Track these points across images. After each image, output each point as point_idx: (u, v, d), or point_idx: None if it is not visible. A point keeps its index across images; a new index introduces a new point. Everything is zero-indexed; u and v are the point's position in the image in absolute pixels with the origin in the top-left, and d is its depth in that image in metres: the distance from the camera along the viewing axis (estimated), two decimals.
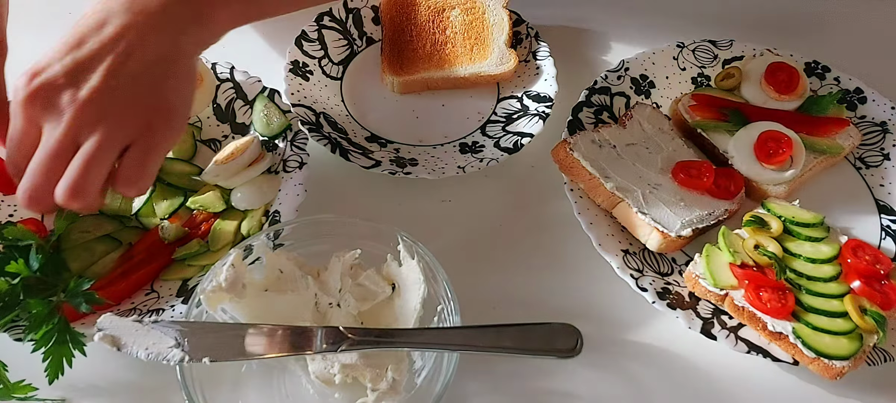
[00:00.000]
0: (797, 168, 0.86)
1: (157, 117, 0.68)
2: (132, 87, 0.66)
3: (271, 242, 0.74)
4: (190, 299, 0.70)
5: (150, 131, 0.68)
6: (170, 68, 0.68)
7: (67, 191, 0.65)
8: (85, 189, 0.65)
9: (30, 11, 1.03)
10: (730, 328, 0.74)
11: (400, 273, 0.73)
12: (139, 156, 0.68)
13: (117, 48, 0.65)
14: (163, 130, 0.69)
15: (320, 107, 0.94)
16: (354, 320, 0.72)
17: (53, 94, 0.65)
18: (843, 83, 0.96)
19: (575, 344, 0.65)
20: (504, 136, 0.92)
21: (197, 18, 0.70)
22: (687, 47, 0.99)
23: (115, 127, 0.66)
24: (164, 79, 0.68)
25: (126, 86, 0.66)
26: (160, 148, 0.69)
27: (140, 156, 0.68)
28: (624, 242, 0.81)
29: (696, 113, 0.91)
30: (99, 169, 0.66)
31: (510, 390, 0.74)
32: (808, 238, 0.79)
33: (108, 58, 0.65)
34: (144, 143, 0.68)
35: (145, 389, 0.73)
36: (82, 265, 0.78)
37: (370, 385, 0.67)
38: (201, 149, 0.90)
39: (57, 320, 0.69)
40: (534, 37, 1.01)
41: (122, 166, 0.68)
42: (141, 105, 0.67)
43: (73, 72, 0.65)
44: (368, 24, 1.04)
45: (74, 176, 0.65)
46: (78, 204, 0.66)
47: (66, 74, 0.65)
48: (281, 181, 0.83)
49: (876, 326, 0.71)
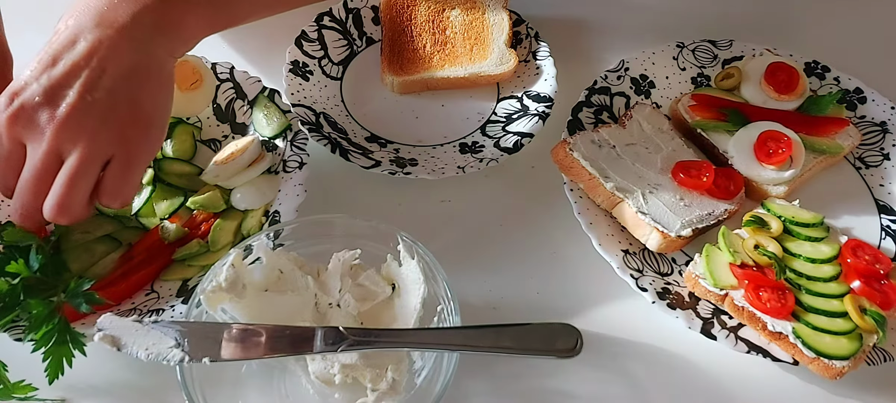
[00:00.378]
0: (797, 168, 0.86)
1: (135, 129, 0.70)
2: (108, 101, 0.68)
3: (271, 242, 0.74)
4: (190, 299, 0.70)
5: (128, 143, 0.69)
6: (144, 78, 0.70)
7: (54, 208, 0.68)
8: (70, 205, 0.68)
9: (29, 10, 1.03)
10: (730, 328, 0.74)
11: (400, 273, 0.73)
12: (119, 169, 0.70)
13: (91, 64, 0.67)
14: (141, 141, 0.71)
15: (320, 107, 0.94)
16: (354, 320, 0.72)
17: (32, 114, 0.66)
18: (843, 83, 0.96)
19: (575, 344, 0.65)
20: (504, 136, 0.92)
21: (167, 28, 0.71)
22: (687, 47, 0.99)
23: (93, 142, 0.67)
24: (140, 90, 0.70)
25: (102, 101, 0.67)
26: (140, 159, 0.71)
27: (120, 168, 0.70)
28: (624, 242, 0.81)
29: (695, 113, 0.91)
30: (82, 184, 0.68)
31: (510, 390, 0.74)
32: (808, 238, 0.79)
33: (83, 74, 0.67)
34: (124, 156, 0.69)
35: (145, 389, 0.73)
36: (82, 265, 0.78)
37: (370, 385, 0.67)
38: (201, 149, 0.90)
39: (57, 320, 0.69)
40: (534, 37, 1.01)
41: (103, 179, 0.70)
42: (117, 118, 0.68)
43: (49, 91, 0.66)
44: (368, 24, 1.04)
45: (59, 193, 0.67)
46: (65, 220, 0.68)
47: (43, 94, 0.66)
48: (281, 181, 0.83)
49: (876, 326, 0.71)
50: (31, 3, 1.03)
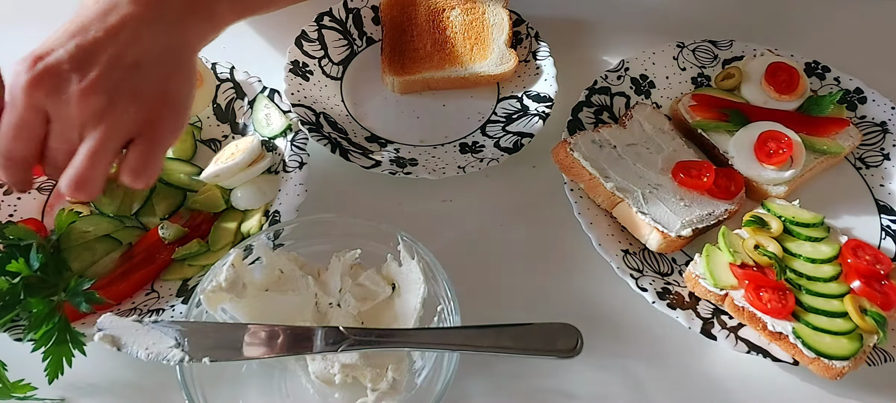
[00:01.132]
0: (797, 168, 0.86)
1: (164, 109, 0.67)
2: (139, 77, 0.65)
3: (271, 242, 0.74)
4: (190, 299, 0.70)
5: (156, 122, 0.66)
6: (175, 60, 0.68)
7: (73, 183, 0.64)
8: (91, 180, 0.64)
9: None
10: (730, 328, 0.74)
11: (400, 273, 0.73)
12: (146, 148, 0.66)
13: (122, 37, 0.64)
14: (169, 122, 0.68)
15: (320, 107, 0.94)
16: (354, 320, 0.72)
17: (58, 80, 0.62)
18: (843, 83, 0.96)
19: (575, 344, 0.65)
20: (504, 136, 0.92)
21: (198, 11, 0.69)
22: (687, 47, 0.99)
23: (121, 117, 0.64)
24: (170, 71, 0.67)
25: (133, 76, 0.64)
26: (166, 141, 0.68)
27: (147, 148, 0.67)
28: (624, 242, 0.81)
29: (696, 113, 0.91)
30: (105, 159, 0.64)
31: (510, 390, 0.74)
32: (808, 238, 0.79)
33: (112, 46, 0.64)
34: (151, 136, 0.67)
35: (145, 389, 0.73)
36: (83, 264, 0.78)
37: (370, 385, 0.67)
38: (201, 149, 0.90)
39: (57, 319, 0.69)
40: (534, 37, 1.01)
41: (128, 158, 0.66)
42: (146, 96, 0.66)
43: (78, 57, 0.63)
44: (368, 24, 1.04)
45: (80, 167, 0.63)
46: (84, 195, 0.65)
47: (71, 60, 0.62)
48: (281, 181, 0.83)
49: (876, 326, 0.71)
50: None
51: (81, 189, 0.64)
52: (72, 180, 0.64)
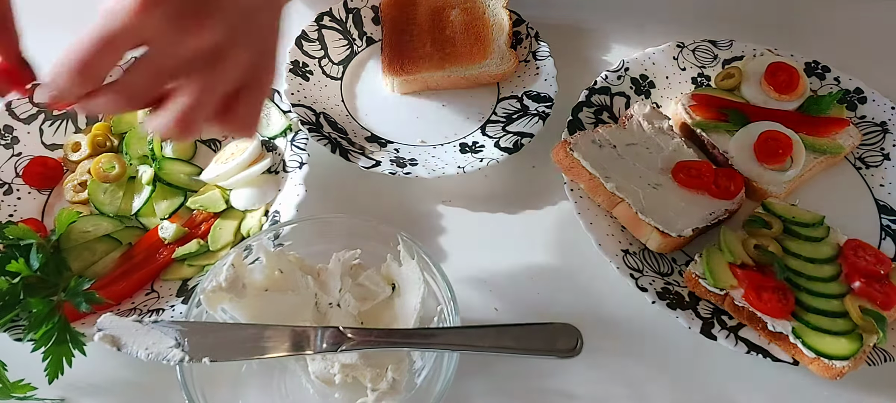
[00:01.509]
0: (797, 168, 0.86)
1: (268, 60, 0.65)
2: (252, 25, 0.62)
3: (271, 242, 0.74)
4: (190, 299, 0.70)
5: (261, 74, 0.64)
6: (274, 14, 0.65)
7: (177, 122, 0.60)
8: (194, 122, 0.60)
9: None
10: (730, 328, 0.74)
11: (400, 273, 0.73)
12: (256, 97, 0.64)
13: None
14: (271, 74, 0.65)
15: (320, 107, 0.94)
16: (354, 320, 0.72)
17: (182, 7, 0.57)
18: (843, 83, 0.96)
19: (575, 344, 0.65)
20: (504, 136, 0.92)
21: None
22: (687, 47, 0.99)
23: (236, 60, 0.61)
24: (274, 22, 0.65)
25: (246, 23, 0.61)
26: (267, 91, 0.66)
27: (257, 97, 0.64)
28: (624, 242, 0.81)
29: (696, 113, 0.91)
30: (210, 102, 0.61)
31: (510, 390, 0.74)
32: (808, 238, 0.79)
33: None
34: (258, 85, 0.64)
35: (145, 389, 0.73)
36: (83, 264, 0.78)
37: (370, 385, 0.67)
38: (201, 149, 0.90)
39: (57, 319, 0.69)
40: (534, 37, 1.01)
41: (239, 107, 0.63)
42: (257, 45, 0.63)
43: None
44: (368, 24, 1.04)
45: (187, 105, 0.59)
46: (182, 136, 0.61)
47: None
48: (281, 181, 0.83)
49: (876, 326, 0.71)
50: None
51: (186, 130, 0.60)
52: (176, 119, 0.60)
